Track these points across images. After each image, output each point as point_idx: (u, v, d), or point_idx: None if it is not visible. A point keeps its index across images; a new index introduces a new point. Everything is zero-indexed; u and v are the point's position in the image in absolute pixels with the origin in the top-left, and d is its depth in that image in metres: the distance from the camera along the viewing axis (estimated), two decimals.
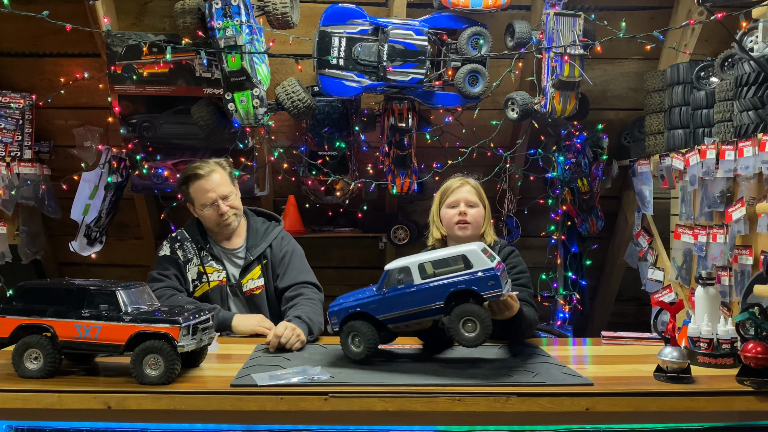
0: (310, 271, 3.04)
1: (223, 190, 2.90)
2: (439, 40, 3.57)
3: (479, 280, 2.02)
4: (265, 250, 2.98)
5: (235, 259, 2.99)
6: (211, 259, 2.96)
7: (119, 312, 2.00)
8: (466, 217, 2.69)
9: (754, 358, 1.98)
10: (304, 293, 2.89)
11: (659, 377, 2.08)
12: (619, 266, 4.52)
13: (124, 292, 2.04)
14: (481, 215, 2.74)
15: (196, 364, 2.18)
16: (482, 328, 2.02)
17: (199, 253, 2.95)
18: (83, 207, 3.81)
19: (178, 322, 1.96)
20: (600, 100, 4.14)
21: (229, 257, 2.99)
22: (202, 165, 2.93)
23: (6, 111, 3.67)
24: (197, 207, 2.93)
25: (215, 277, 2.93)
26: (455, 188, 2.76)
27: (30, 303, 2.06)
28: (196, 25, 3.26)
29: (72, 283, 2.09)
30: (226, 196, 2.90)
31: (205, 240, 2.98)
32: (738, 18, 2.77)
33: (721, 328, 2.26)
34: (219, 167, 2.96)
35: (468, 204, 2.72)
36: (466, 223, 2.70)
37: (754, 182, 2.67)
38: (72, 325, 2.00)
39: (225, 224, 2.92)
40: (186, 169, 2.98)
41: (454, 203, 2.73)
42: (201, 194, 2.89)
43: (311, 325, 2.67)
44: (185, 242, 2.98)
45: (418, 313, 2.12)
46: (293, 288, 2.92)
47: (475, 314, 2.02)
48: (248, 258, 2.96)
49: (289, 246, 3.04)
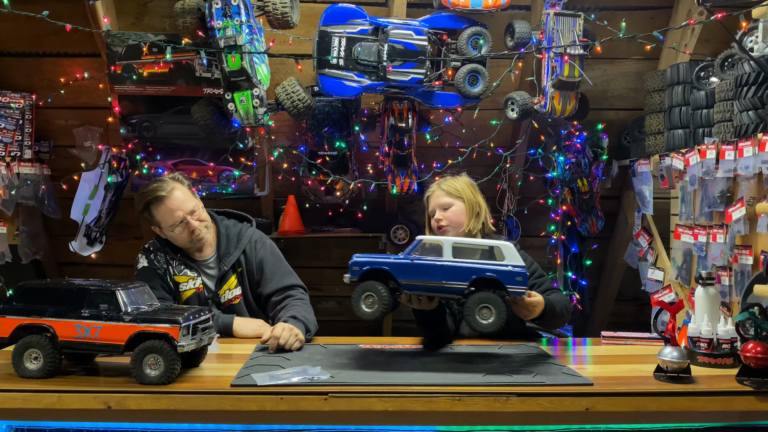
0: (293, 273, 2.98)
1: (188, 206, 2.81)
2: (439, 40, 3.57)
3: (508, 273, 2.09)
4: (239, 258, 2.90)
5: (207, 270, 2.91)
6: (183, 268, 2.88)
7: (119, 312, 2.00)
8: (442, 222, 2.80)
9: (754, 358, 1.98)
10: (293, 295, 2.86)
11: (659, 377, 2.08)
12: (619, 266, 4.52)
13: (124, 292, 2.04)
14: (460, 210, 2.80)
15: (196, 364, 2.18)
16: (497, 318, 2.08)
17: (171, 263, 2.88)
18: (83, 207, 3.80)
19: (178, 322, 1.96)
20: (600, 100, 4.14)
21: (202, 268, 2.91)
22: (161, 185, 2.81)
23: (6, 111, 3.67)
24: (165, 229, 2.82)
25: (190, 285, 2.86)
26: (427, 197, 2.90)
27: (30, 303, 2.06)
28: (196, 25, 3.25)
29: (72, 283, 2.09)
30: (192, 210, 2.81)
31: (175, 251, 2.89)
32: (738, 18, 2.77)
33: (721, 328, 2.26)
34: (177, 183, 2.85)
35: (442, 207, 2.82)
36: (443, 227, 2.80)
37: (754, 182, 2.67)
38: (72, 325, 2.00)
39: (198, 239, 2.84)
40: (143, 194, 2.83)
41: (432, 212, 2.87)
42: (167, 215, 2.78)
43: (307, 323, 2.66)
44: (158, 253, 2.89)
45: (438, 287, 2.14)
46: (279, 292, 2.88)
47: (493, 302, 2.08)
48: (222, 268, 2.88)
49: (264, 250, 2.95)
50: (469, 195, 2.83)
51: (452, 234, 2.77)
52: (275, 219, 4.29)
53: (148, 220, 2.86)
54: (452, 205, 2.81)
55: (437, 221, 2.81)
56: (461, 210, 2.81)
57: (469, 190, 2.85)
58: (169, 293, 2.85)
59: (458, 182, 2.86)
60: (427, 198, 2.91)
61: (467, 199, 2.81)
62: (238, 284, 2.90)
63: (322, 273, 4.72)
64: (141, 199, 2.84)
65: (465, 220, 2.80)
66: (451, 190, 2.83)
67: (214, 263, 2.91)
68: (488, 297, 2.09)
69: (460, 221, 2.80)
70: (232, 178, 3.89)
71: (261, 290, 2.91)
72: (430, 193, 2.88)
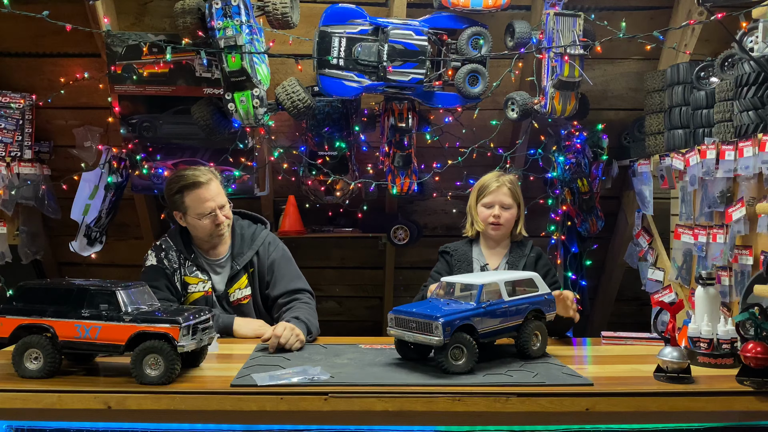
0: (302, 277, 2.98)
1: (221, 200, 2.82)
2: (439, 40, 3.57)
3: (545, 302, 2.36)
4: (252, 258, 2.90)
5: (218, 269, 2.91)
6: (195, 270, 2.87)
7: (119, 312, 2.00)
8: (500, 220, 2.88)
9: (754, 358, 1.98)
10: (299, 298, 2.86)
11: (659, 377, 2.08)
12: (619, 266, 4.52)
13: (124, 292, 2.04)
14: (514, 216, 2.90)
15: (196, 364, 2.18)
16: (543, 343, 2.33)
17: (183, 264, 2.87)
18: (83, 207, 3.81)
19: (178, 322, 1.96)
20: (600, 100, 4.14)
21: (214, 267, 2.90)
22: (200, 173, 2.80)
23: (6, 111, 3.67)
24: (191, 216, 2.80)
25: (199, 288, 2.85)
26: (492, 190, 2.91)
27: (30, 303, 2.06)
28: (196, 25, 3.25)
29: (72, 283, 2.09)
30: (223, 205, 2.82)
31: (189, 250, 2.88)
32: (738, 18, 2.77)
33: (721, 328, 2.26)
34: (214, 175, 2.86)
35: (503, 206, 2.89)
36: (499, 225, 2.89)
37: (754, 182, 2.67)
38: (72, 325, 2.00)
39: (218, 234, 2.84)
40: (180, 177, 2.81)
41: (490, 204, 2.90)
42: (199, 203, 2.77)
43: (309, 325, 2.66)
44: (170, 251, 2.89)
45: (505, 328, 2.26)
46: (286, 295, 2.88)
47: (541, 330, 2.33)
48: (234, 267, 2.88)
49: (276, 252, 2.95)
50: (522, 204, 2.93)
51: (503, 232, 2.90)
52: (275, 219, 4.29)
53: (176, 205, 2.83)
54: (512, 207, 2.89)
55: (496, 217, 2.87)
56: (514, 215, 2.91)
57: (522, 199, 2.95)
58: (174, 294, 2.83)
59: (516, 185, 2.94)
60: (487, 188, 2.92)
61: (521, 204, 2.92)
62: (249, 284, 2.90)
63: (322, 273, 4.72)
64: (177, 181, 2.82)
65: (515, 224, 2.93)
66: (514, 192, 2.90)
67: (226, 262, 2.91)
68: (539, 326, 2.33)
69: (511, 225, 2.92)
70: (232, 178, 3.89)
71: (269, 292, 2.91)
72: (496, 187, 2.89)
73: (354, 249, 4.62)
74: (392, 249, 4.44)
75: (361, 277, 4.74)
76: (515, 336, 2.29)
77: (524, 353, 2.28)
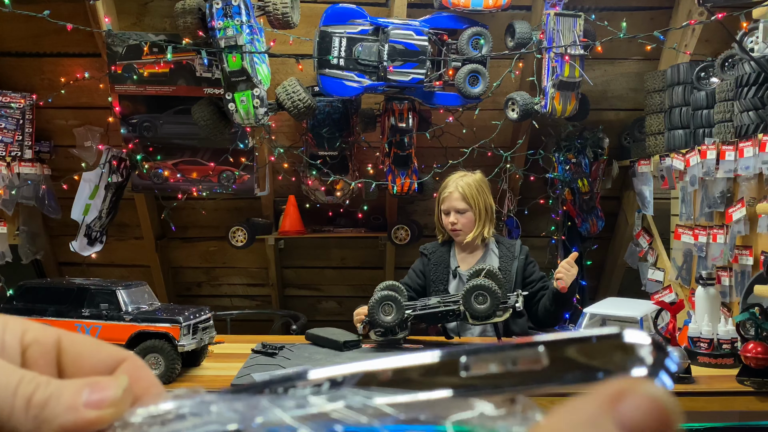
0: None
1: None
2: (440, 40, 3.57)
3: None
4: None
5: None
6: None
7: (120, 311, 2.00)
8: (457, 226, 2.86)
9: (754, 358, 1.98)
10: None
11: None
12: (619, 266, 4.52)
13: (125, 292, 2.04)
14: (471, 219, 2.86)
15: (197, 364, 2.18)
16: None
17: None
18: (83, 207, 3.81)
19: (179, 322, 1.96)
20: (600, 100, 4.14)
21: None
22: None
23: (6, 111, 3.67)
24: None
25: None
26: (446, 196, 2.90)
27: (30, 302, 2.06)
28: (197, 25, 3.25)
29: (72, 282, 2.09)
30: None
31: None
32: (738, 18, 2.77)
33: (721, 328, 2.26)
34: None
35: (457, 211, 2.86)
36: (457, 230, 2.86)
37: (754, 182, 2.67)
38: (72, 324, 2.00)
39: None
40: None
41: (446, 210, 2.89)
42: None
43: None
44: None
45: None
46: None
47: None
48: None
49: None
50: (481, 205, 2.87)
51: (464, 236, 2.86)
52: (275, 219, 4.29)
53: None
54: (467, 210, 2.86)
55: (452, 224, 2.86)
56: (471, 219, 2.88)
57: (482, 199, 2.88)
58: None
59: (474, 187, 2.87)
60: (442, 194, 2.92)
61: (478, 210, 2.87)
62: None
63: (322, 273, 4.72)
64: None
65: (476, 225, 2.88)
66: (468, 198, 2.86)
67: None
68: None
69: (471, 228, 2.89)
70: (232, 178, 3.89)
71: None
72: (447, 194, 2.89)
73: (354, 249, 4.62)
74: (392, 249, 4.44)
75: (361, 277, 4.74)
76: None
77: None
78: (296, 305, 4.71)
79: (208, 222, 4.40)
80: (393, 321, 2.39)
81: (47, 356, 0.40)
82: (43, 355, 0.40)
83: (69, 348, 0.41)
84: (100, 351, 0.41)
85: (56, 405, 0.36)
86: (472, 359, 0.35)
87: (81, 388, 0.37)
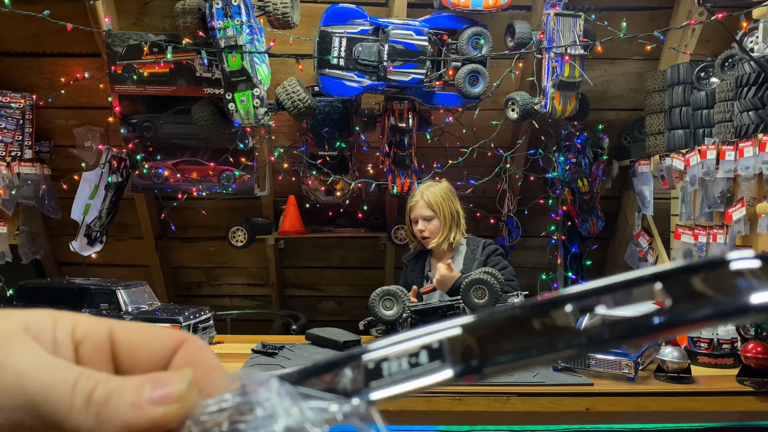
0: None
1: None
2: (440, 40, 3.57)
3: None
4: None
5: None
6: None
7: (119, 311, 2.00)
8: (425, 233, 2.94)
9: (754, 358, 1.98)
10: None
11: (659, 377, 2.08)
12: (619, 267, 4.52)
13: (125, 292, 2.04)
14: (437, 226, 2.93)
15: None
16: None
17: None
18: (83, 207, 3.81)
19: (179, 322, 1.96)
20: (600, 100, 4.14)
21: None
22: None
23: (6, 111, 3.67)
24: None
25: None
26: (412, 205, 2.99)
27: (30, 302, 2.06)
28: (197, 25, 3.26)
29: (72, 282, 2.10)
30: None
31: None
32: (738, 18, 2.77)
33: (721, 328, 2.26)
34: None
35: (424, 219, 2.94)
36: (426, 237, 2.95)
37: (754, 182, 2.67)
38: None
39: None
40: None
41: (415, 219, 2.98)
42: None
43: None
44: None
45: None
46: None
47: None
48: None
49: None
50: (446, 211, 2.94)
51: (434, 242, 2.93)
52: (275, 219, 4.29)
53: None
54: (434, 217, 2.94)
55: (420, 231, 2.95)
56: (437, 225, 2.96)
57: (447, 206, 2.95)
58: None
59: (438, 195, 2.95)
60: (410, 205, 3.02)
61: (443, 216, 2.94)
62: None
63: (322, 273, 4.72)
64: None
65: (442, 231, 2.95)
66: (432, 205, 2.94)
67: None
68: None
69: (437, 233, 2.96)
70: (232, 178, 3.89)
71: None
72: (414, 203, 2.98)
73: (354, 249, 4.63)
74: (392, 249, 4.44)
75: (361, 277, 4.74)
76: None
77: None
78: (296, 305, 4.71)
79: (208, 222, 4.40)
80: (394, 315, 2.44)
81: (101, 351, 0.38)
82: (97, 350, 0.38)
83: (122, 340, 0.39)
84: (155, 338, 0.39)
85: (118, 402, 0.34)
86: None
87: (143, 384, 0.35)
